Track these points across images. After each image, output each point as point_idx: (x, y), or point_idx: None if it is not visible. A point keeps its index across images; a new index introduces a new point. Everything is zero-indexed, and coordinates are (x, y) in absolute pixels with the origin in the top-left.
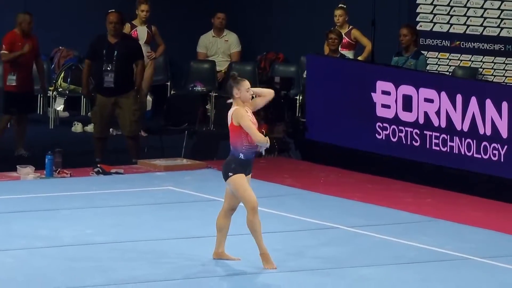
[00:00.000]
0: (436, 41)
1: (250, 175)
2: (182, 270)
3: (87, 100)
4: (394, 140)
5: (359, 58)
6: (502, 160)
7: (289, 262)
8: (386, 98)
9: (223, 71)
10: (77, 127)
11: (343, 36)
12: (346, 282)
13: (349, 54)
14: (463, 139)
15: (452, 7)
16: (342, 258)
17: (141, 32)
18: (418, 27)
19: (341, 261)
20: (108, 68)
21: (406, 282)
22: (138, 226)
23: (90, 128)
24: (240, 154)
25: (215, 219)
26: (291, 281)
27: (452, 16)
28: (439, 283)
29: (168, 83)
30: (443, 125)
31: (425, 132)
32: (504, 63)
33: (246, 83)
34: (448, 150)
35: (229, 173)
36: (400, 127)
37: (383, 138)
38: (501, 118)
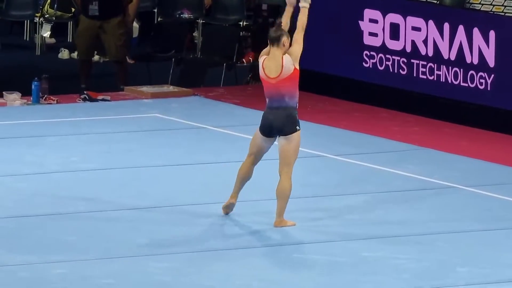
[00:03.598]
0: None
1: None
2: (170, 197)
3: (74, 26)
4: (381, 68)
5: None
6: (489, 89)
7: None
8: (373, 26)
9: None
10: (64, 54)
11: None
12: (332, 211)
13: None
14: (450, 67)
15: None
16: (329, 186)
17: None
18: None
19: (328, 189)
20: None
21: (392, 210)
22: (125, 153)
23: (77, 54)
24: (297, 105)
25: (202, 146)
26: (275, 209)
27: None
28: (424, 211)
29: (155, 10)
30: (430, 53)
31: (412, 60)
32: None
33: None
34: (435, 79)
35: (297, 127)
36: (387, 56)
37: (370, 66)
38: (488, 47)
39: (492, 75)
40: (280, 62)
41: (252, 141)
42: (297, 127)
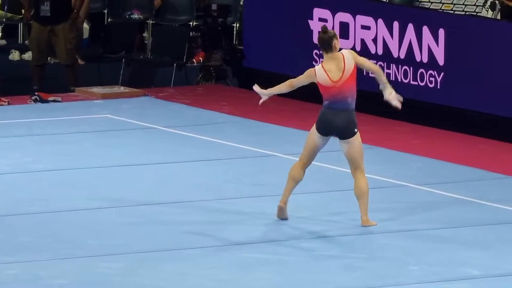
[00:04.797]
0: None
1: None
2: (122, 198)
3: (25, 28)
4: None
5: None
6: (438, 87)
7: (226, 189)
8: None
9: None
10: (15, 55)
11: None
12: None
13: None
14: (400, 66)
15: None
16: (278, 185)
17: None
18: None
19: (278, 188)
20: None
21: (342, 210)
22: (77, 154)
23: (27, 56)
24: (354, 105)
25: (154, 147)
26: (228, 209)
27: None
28: (376, 210)
29: (105, 11)
30: (380, 52)
31: None
32: None
33: None
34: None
35: (355, 129)
36: None
37: None
38: (437, 45)
39: (442, 73)
40: (341, 61)
41: (307, 139)
42: (356, 130)
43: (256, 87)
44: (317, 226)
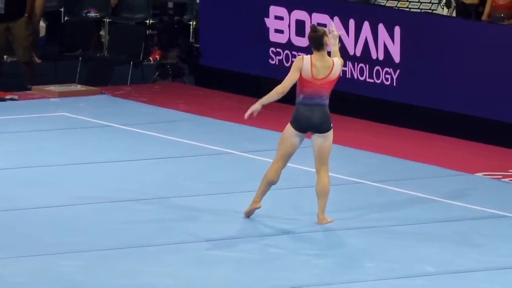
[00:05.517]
0: None
1: None
2: (80, 196)
3: None
4: (287, 65)
5: None
6: (394, 85)
7: (184, 187)
8: (279, 23)
9: None
10: None
11: None
12: (235, 206)
13: None
14: (356, 63)
15: None
16: (233, 183)
17: None
18: None
19: (233, 185)
20: None
21: (298, 207)
22: (35, 152)
23: None
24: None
25: (111, 145)
26: (185, 206)
27: None
28: (331, 207)
29: (62, 9)
30: None
31: None
32: None
33: None
34: (341, 75)
35: (331, 124)
36: (293, 52)
37: (276, 63)
38: (393, 42)
39: (398, 71)
40: (330, 65)
41: (281, 140)
42: (331, 125)
43: (250, 109)
44: (276, 223)
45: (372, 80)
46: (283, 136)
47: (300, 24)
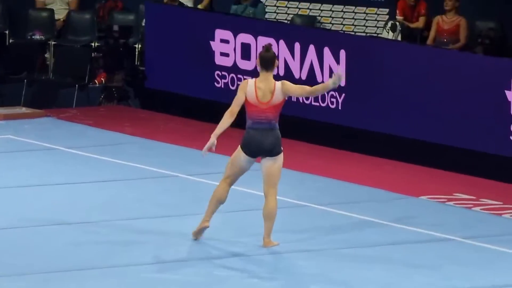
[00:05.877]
0: None
1: None
2: (23, 218)
3: None
4: (233, 88)
5: (199, 6)
6: (340, 108)
7: (130, 210)
8: (224, 46)
9: (62, 19)
10: None
11: None
12: (182, 229)
13: (188, 2)
14: None
15: None
16: (180, 205)
17: None
18: None
19: (179, 208)
20: None
21: (244, 229)
22: None
23: None
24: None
25: (56, 168)
26: (130, 229)
27: None
28: (278, 231)
29: (7, 32)
30: (282, 73)
31: None
32: (342, 11)
33: None
34: (287, 98)
35: (281, 147)
36: (238, 75)
37: (222, 86)
38: (339, 66)
39: (343, 94)
40: (272, 89)
41: (231, 163)
42: (282, 148)
43: (206, 146)
44: (223, 245)
45: (317, 104)
46: (233, 159)
47: (245, 48)
